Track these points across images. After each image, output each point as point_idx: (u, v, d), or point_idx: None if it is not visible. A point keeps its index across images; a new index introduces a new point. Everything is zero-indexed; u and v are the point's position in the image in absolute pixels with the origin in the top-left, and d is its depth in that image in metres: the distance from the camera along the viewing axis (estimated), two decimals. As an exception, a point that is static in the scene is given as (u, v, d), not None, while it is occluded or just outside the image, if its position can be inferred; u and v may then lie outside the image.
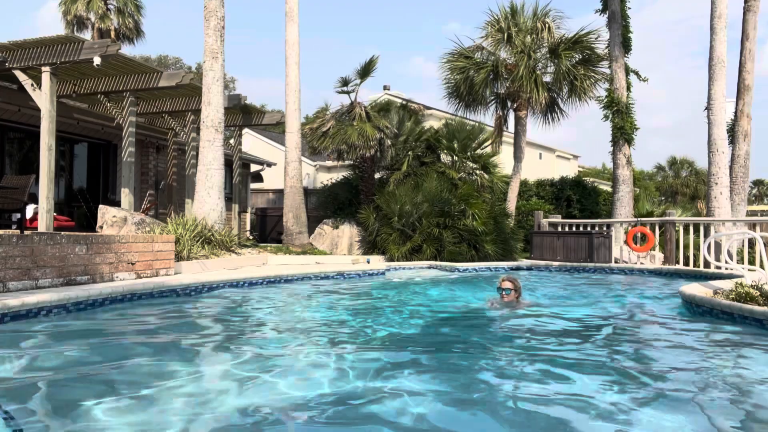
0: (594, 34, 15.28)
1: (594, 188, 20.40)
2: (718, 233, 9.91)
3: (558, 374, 3.75)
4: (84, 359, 4.07)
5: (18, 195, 8.34)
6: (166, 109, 14.50)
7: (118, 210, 10.04)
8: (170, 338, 4.93)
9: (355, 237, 14.49)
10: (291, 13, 14.53)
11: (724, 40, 13.69)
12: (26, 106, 11.74)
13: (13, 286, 5.83)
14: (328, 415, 2.96)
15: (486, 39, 15.74)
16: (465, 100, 16.23)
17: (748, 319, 5.04)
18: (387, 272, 10.59)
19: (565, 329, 5.53)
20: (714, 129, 13.62)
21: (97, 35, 24.70)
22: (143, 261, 7.58)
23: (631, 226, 12.82)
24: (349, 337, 5.08)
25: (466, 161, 15.13)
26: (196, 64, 44.90)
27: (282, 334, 5.27)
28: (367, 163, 14.98)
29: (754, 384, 3.57)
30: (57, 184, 11.30)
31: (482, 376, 3.79)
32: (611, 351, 4.62)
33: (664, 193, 42.64)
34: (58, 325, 5.09)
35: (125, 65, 11.57)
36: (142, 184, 16.04)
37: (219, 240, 10.40)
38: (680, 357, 4.30)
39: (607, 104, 16.28)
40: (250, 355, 4.34)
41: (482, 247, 12.70)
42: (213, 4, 11.11)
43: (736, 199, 14.83)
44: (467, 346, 4.78)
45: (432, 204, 12.94)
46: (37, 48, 10.34)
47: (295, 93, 14.46)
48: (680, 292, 6.61)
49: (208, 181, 10.98)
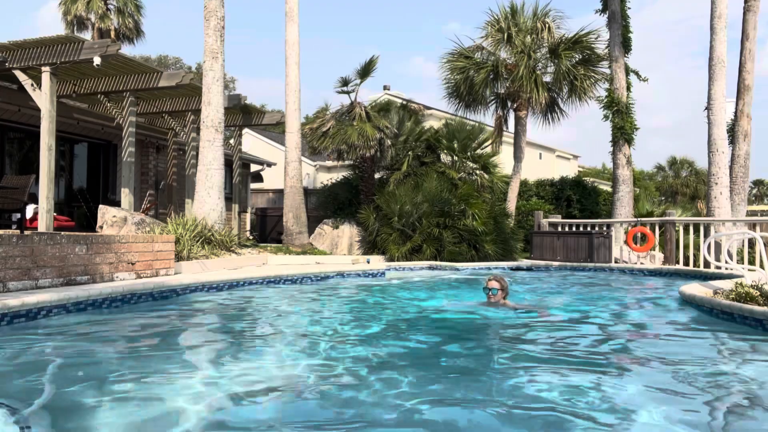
0: (594, 34, 15.31)
1: (594, 188, 20.40)
2: (718, 233, 9.91)
3: (558, 374, 3.75)
4: (84, 359, 4.07)
5: (18, 195, 8.33)
6: (166, 109, 14.50)
7: (118, 210, 10.05)
8: (170, 338, 4.93)
9: (355, 237, 14.50)
10: (291, 13, 14.53)
11: (724, 40, 13.69)
12: (26, 106, 11.74)
13: (13, 286, 5.82)
14: (328, 415, 2.96)
15: (486, 39, 15.76)
16: (465, 100, 16.25)
17: (748, 319, 5.04)
18: (387, 272, 10.59)
19: (563, 330, 5.53)
20: (714, 129, 13.62)
21: (97, 35, 24.71)
22: (143, 261, 7.58)
23: (631, 226, 12.82)
24: (349, 337, 5.08)
25: (466, 161, 15.13)
26: (196, 64, 44.91)
27: (282, 334, 5.26)
28: (367, 163, 14.98)
29: (754, 384, 3.57)
30: (57, 184, 11.30)
31: (480, 375, 3.79)
32: (609, 351, 4.61)
33: (664, 193, 42.65)
34: (58, 325, 5.09)
35: (125, 65, 11.57)
36: (142, 184, 16.03)
37: (219, 240, 10.40)
38: (680, 357, 4.30)
39: (607, 104, 16.29)
40: (249, 355, 4.35)
41: (482, 247, 12.70)
42: (213, 4, 11.11)
43: (736, 199, 14.83)
44: (467, 347, 4.78)
45: (432, 204, 12.94)
46: (37, 48, 10.34)
47: (295, 93, 14.46)
48: (680, 292, 6.62)
49: (208, 181, 10.98)
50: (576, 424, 2.82)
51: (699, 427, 2.84)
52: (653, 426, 2.82)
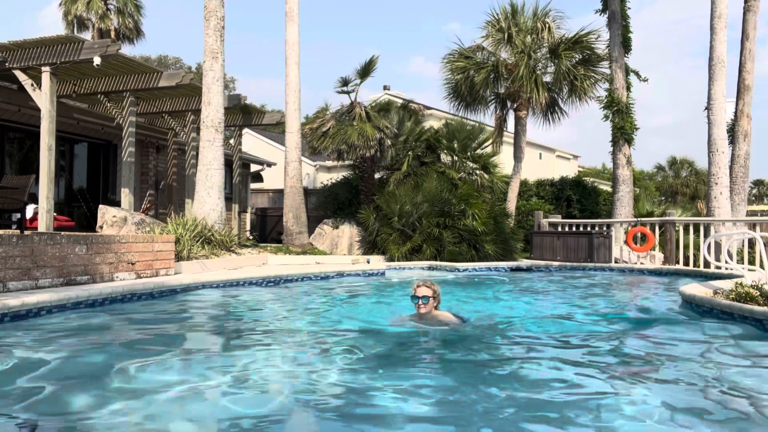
0: (594, 34, 15.31)
1: (594, 188, 20.40)
2: (718, 233, 9.91)
3: (556, 373, 3.75)
4: (84, 359, 4.07)
5: (18, 195, 8.34)
6: (166, 109, 14.50)
7: (118, 210, 10.05)
8: (170, 338, 4.93)
9: (355, 237, 14.49)
10: (291, 13, 14.53)
11: (724, 40, 13.69)
12: (26, 106, 11.74)
13: (13, 286, 5.82)
14: (327, 415, 2.96)
15: (486, 39, 15.76)
16: (465, 100, 16.25)
17: (748, 319, 5.04)
18: (387, 272, 10.59)
19: (561, 328, 5.53)
20: (714, 129, 13.62)
21: (97, 35, 24.71)
22: (143, 261, 7.58)
23: (631, 226, 12.82)
24: (349, 337, 5.08)
25: (466, 161, 15.13)
26: (196, 64, 44.89)
27: (281, 333, 5.26)
28: (367, 163, 14.98)
29: (753, 384, 3.57)
30: (57, 184, 11.30)
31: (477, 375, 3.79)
32: (608, 351, 4.61)
33: (664, 193, 42.65)
34: (58, 325, 5.09)
35: (125, 65, 11.57)
36: (142, 184, 16.03)
37: (219, 240, 10.40)
38: (679, 357, 4.30)
39: (607, 104, 16.29)
40: (249, 354, 4.34)
41: (482, 247, 12.70)
42: (213, 4, 11.11)
43: (736, 199, 14.83)
44: (465, 346, 4.78)
45: (432, 204, 12.94)
46: (37, 48, 10.34)
47: (295, 93, 14.46)
48: (680, 292, 6.61)
49: (208, 181, 10.98)
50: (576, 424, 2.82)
51: (698, 426, 2.84)
52: (653, 426, 2.82)
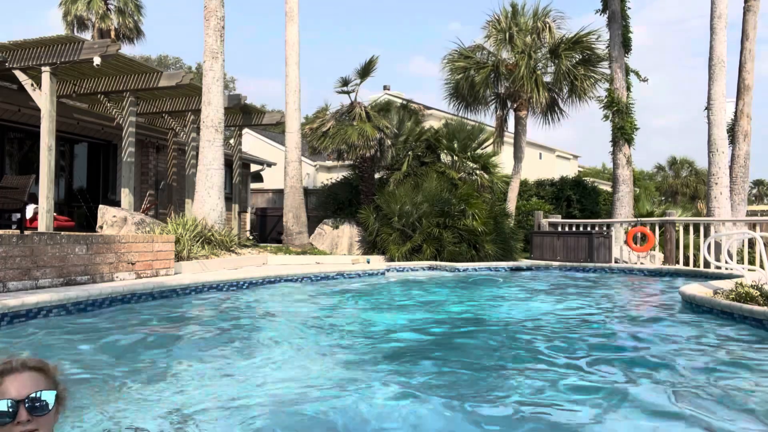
0: (594, 34, 15.31)
1: (594, 188, 20.39)
2: (718, 233, 9.91)
3: (556, 374, 3.75)
4: (84, 359, 4.07)
5: (18, 195, 8.33)
6: (166, 109, 14.50)
7: (118, 210, 10.05)
8: (170, 338, 4.93)
9: (355, 237, 14.49)
10: (291, 13, 14.52)
11: (724, 40, 13.69)
12: (26, 106, 11.74)
13: (13, 286, 5.82)
14: (326, 415, 2.96)
15: (487, 39, 15.76)
16: (465, 100, 16.25)
17: (748, 319, 5.05)
18: (387, 272, 10.59)
19: (561, 328, 5.53)
20: (714, 129, 13.61)
21: (98, 35, 24.70)
22: (143, 261, 7.58)
23: (631, 226, 12.82)
24: (349, 337, 5.08)
25: (466, 161, 15.12)
26: (196, 64, 44.88)
27: (281, 333, 5.26)
28: (367, 163, 14.97)
29: (754, 383, 3.57)
30: (57, 184, 11.29)
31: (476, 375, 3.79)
32: (608, 351, 4.62)
33: (664, 193, 42.66)
34: (58, 325, 5.09)
35: (125, 65, 11.57)
36: (142, 184, 16.03)
37: (219, 240, 10.40)
38: (680, 357, 4.30)
39: (607, 104, 16.28)
40: (248, 354, 4.35)
41: (482, 247, 12.69)
42: (213, 4, 11.11)
43: (736, 199, 14.82)
44: (464, 346, 4.78)
45: (432, 204, 12.94)
46: (37, 48, 10.34)
47: (295, 93, 14.46)
48: (680, 292, 6.62)
49: (208, 181, 10.98)
50: (576, 423, 2.82)
51: (698, 426, 2.84)
52: (653, 425, 2.82)
